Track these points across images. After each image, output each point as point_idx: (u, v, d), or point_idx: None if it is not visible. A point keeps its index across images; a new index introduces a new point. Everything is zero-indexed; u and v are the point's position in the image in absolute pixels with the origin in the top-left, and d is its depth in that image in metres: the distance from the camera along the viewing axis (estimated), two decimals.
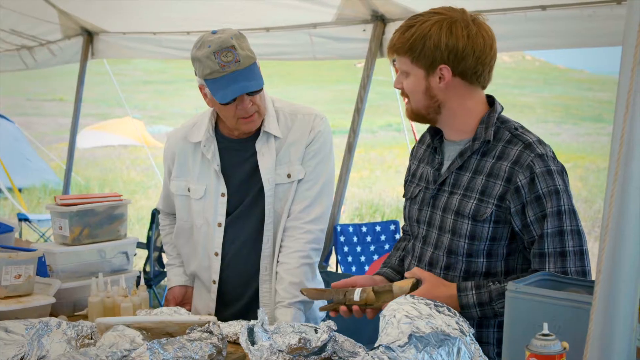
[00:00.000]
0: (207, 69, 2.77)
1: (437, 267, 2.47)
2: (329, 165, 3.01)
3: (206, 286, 3.09)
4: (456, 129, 2.47)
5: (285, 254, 2.93)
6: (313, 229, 2.94)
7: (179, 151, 3.09)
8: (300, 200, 2.95)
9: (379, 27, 5.32)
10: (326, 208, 3.00)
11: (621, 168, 1.47)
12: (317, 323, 3.04)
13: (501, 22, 4.54)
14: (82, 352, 2.22)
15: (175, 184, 3.09)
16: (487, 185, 2.37)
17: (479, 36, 2.36)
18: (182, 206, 3.08)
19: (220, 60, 2.74)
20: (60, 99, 29.49)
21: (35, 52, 8.21)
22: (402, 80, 2.46)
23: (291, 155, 2.95)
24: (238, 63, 2.75)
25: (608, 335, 1.51)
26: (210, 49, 2.76)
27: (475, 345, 2.03)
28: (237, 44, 2.77)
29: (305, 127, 2.97)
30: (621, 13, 3.98)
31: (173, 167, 3.11)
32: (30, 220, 9.38)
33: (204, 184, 3.01)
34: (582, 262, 2.31)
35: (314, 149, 2.96)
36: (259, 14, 5.85)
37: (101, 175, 16.84)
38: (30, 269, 2.91)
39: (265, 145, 2.95)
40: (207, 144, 2.99)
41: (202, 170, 3.02)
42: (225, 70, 2.75)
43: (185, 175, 3.06)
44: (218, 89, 2.78)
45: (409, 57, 2.39)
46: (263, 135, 2.95)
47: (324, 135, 2.99)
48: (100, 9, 6.80)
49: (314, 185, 2.96)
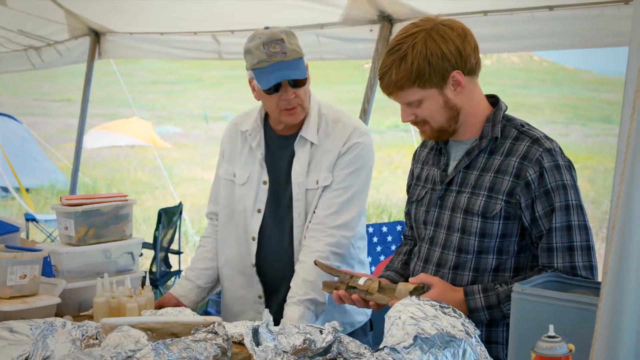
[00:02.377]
0: (255, 59, 2.89)
1: (446, 267, 2.47)
2: (362, 176, 3.01)
3: (246, 273, 3.12)
4: (464, 128, 2.46)
5: (305, 253, 2.94)
6: (336, 234, 2.94)
7: (232, 138, 3.21)
8: (327, 206, 2.96)
9: (386, 27, 5.30)
10: (354, 217, 2.99)
11: (628, 169, 1.45)
12: (355, 327, 3.11)
13: (508, 22, 4.52)
14: (86, 353, 2.21)
15: (224, 168, 3.19)
16: (495, 182, 2.37)
17: (461, 29, 2.37)
18: (227, 191, 3.17)
19: (268, 51, 2.87)
20: (67, 99, 29.54)
21: (43, 53, 8.22)
22: (412, 112, 2.42)
23: (322, 162, 2.99)
24: (285, 54, 2.88)
25: (614, 337, 1.50)
26: (260, 40, 2.88)
27: (481, 347, 2.02)
28: (285, 38, 2.89)
29: (342, 137, 3.00)
30: (629, 13, 3.97)
31: (226, 152, 3.22)
32: (37, 221, 9.40)
33: (248, 170, 3.10)
34: (590, 258, 2.33)
35: (347, 160, 2.98)
36: (266, 15, 5.84)
37: (108, 175, 16.87)
38: (36, 269, 2.91)
39: (302, 150, 3.00)
40: (254, 133, 3.09)
41: (248, 157, 3.11)
42: (271, 60, 2.87)
43: (233, 161, 3.16)
44: (263, 77, 2.89)
45: (418, 84, 2.34)
46: (300, 139, 3.00)
47: (361, 148, 2.99)
48: (108, 9, 6.80)
49: (343, 193, 2.97)
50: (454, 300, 2.35)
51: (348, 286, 2.54)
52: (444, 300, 2.26)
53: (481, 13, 4.52)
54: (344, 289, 2.55)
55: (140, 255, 3.39)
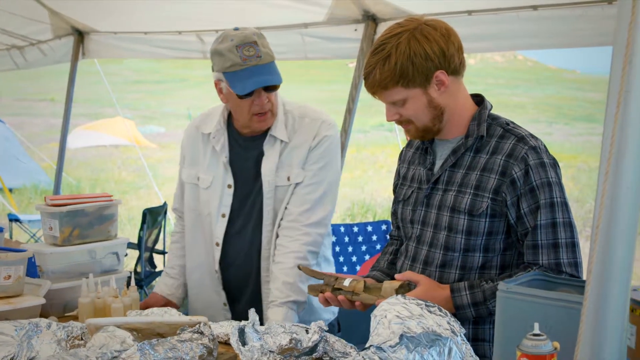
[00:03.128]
0: (228, 62, 2.82)
1: (433, 265, 2.48)
2: (332, 170, 3.00)
3: (209, 275, 3.09)
4: (449, 127, 2.47)
5: (282, 254, 2.92)
6: (312, 232, 2.93)
7: (193, 140, 3.15)
8: (301, 203, 2.94)
9: (371, 26, 5.31)
10: (328, 213, 2.98)
11: (612, 167, 1.46)
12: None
13: (493, 22, 4.54)
14: (72, 353, 2.20)
15: (187, 172, 3.14)
16: (481, 180, 2.39)
17: (445, 29, 2.37)
18: (191, 195, 3.12)
19: (242, 54, 2.80)
20: (51, 99, 29.40)
21: (26, 52, 8.17)
22: (396, 111, 2.43)
23: (293, 159, 2.96)
24: (259, 58, 2.82)
25: (599, 335, 1.51)
26: (232, 43, 2.81)
27: (466, 346, 2.02)
28: (258, 41, 2.84)
29: (311, 131, 2.97)
30: (612, 13, 3.99)
31: (187, 155, 3.16)
32: (21, 221, 9.35)
33: (212, 174, 3.04)
34: (574, 254, 2.35)
35: (318, 154, 2.96)
36: (251, 14, 5.83)
37: (92, 175, 16.80)
38: (20, 270, 2.89)
39: (272, 149, 2.96)
40: (217, 136, 3.04)
41: (212, 161, 3.06)
42: (246, 64, 2.80)
43: (196, 165, 3.11)
44: (238, 81, 2.82)
45: (402, 84, 2.35)
46: (270, 138, 2.96)
47: (330, 141, 2.98)
48: (91, 9, 6.77)
49: (316, 189, 2.95)
50: (440, 297, 2.36)
51: (333, 288, 2.54)
52: (430, 297, 2.28)
53: (465, 13, 4.53)
54: (329, 291, 2.55)
55: (125, 255, 3.38)
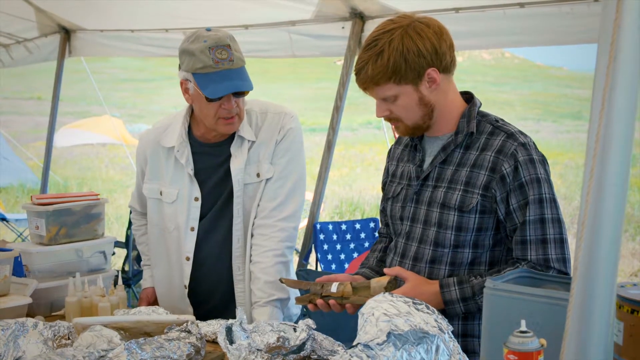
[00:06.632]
0: (199, 63, 2.75)
1: (422, 261, 2.48)
2: (299, 162, 2.99)
3: (177, 290, 3.05)
4: (439, 124, 2.48)
5: (260, 253, 2.90)
6: (286, 227, 2.92)
7: (151, 154, 3.06)
8: (272, 198, 2.92)
9: (358, 24, 5.32)
10: (299, 205, 2.97)
11: (597, 164, 1.47)
12: (292, 320, 3.04)
13: (480, 19, 4.55)
14: (58, 353, 2.19)
15: (148, 187, 3.06)
16: (471, 176, 2.40)
17: (437, 27, 2.38)
18: (154, 209, 3.06)
19: (214, 57, 2.74)
20: (38, 98, 29.27)
21: (12, 50, 8.14)
22: (387, 107, 2.43)
23: (260, 155, 2.93)
24: (231, 62, 2.76)
25: (585, 332, 1.51)
26: (205, 44, 2.75)
27: (454, 343, 2.02)
28: (231, 44, 2.78)
29: (274, 125, 2.95)
30: (599, 10, 4.00)
31: (146, 169, 3.08)
32: (7, 220, 9.30)
33: (176, 188, 2.98)
34: (563, 250, 2.36)
35: (284, 147, 2.94)
36: (238, 12, 5.83)
37: (80, 174, 16.74)
38: (6, 269, 2.88)
39: (239, 149, 2.93)
40: (181, 149, 2.96)
41: (175, 174, 2.98)
42: (218, 67, 2.74)
43: (158, 179, 3.04)
44: (209, 84, 2.76)
45: (394, 80, 2.35)
46: (238, 139, 2.93)
47: (294, 133, 2.97)
48: (77, 6, 6.75)
49: (286, 182, 2.94)
50: (429, 293, 2.37)
51: (322, 296, 2.53)
52: (418, 293, 2.29)
53: (453, 10, 4.54)
54: (318, 299, 2.54)
55: (113, 254, 3.37)
